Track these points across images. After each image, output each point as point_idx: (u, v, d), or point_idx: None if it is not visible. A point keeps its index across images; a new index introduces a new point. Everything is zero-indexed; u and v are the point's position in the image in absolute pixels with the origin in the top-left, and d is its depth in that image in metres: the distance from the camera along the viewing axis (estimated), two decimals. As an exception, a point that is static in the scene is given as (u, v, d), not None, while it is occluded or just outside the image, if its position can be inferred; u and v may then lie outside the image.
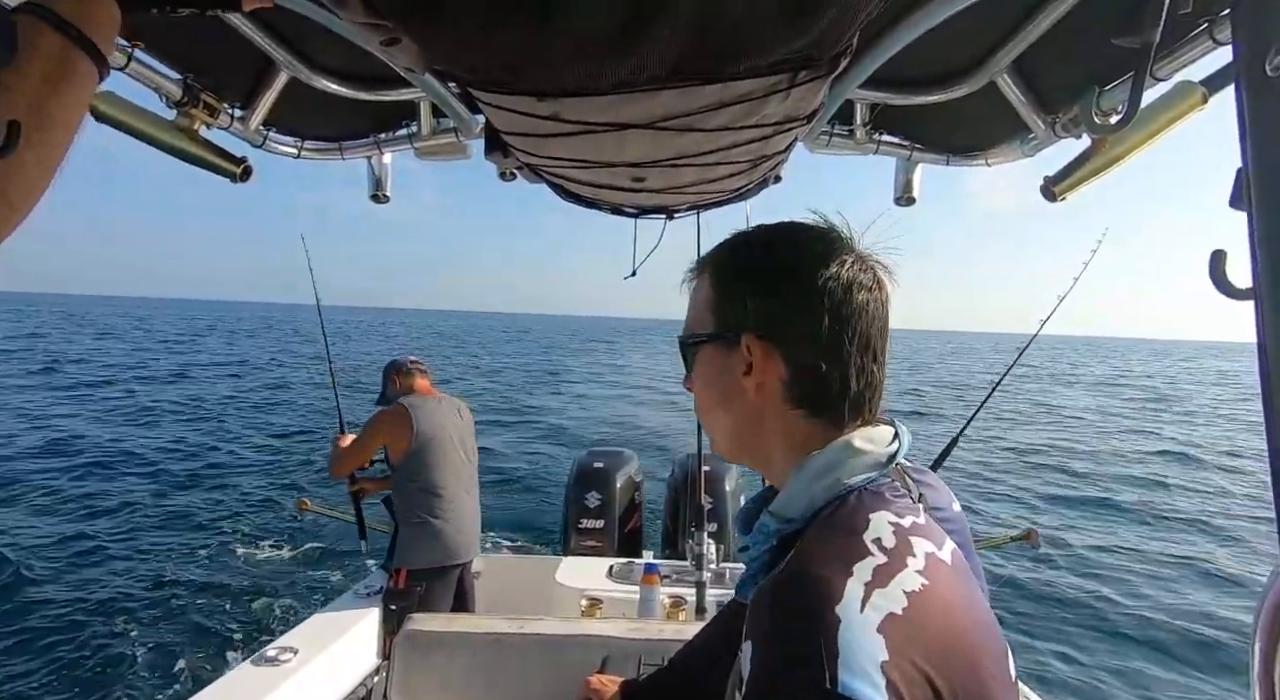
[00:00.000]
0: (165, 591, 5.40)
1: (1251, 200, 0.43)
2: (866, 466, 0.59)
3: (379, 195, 1.61)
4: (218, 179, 1.28)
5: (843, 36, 0.66)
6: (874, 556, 0.50)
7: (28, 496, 7.78)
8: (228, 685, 2.08)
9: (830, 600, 0.47)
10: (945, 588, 0.51)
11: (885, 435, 0.62)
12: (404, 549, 2.83)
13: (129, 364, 23.00)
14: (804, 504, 0.59)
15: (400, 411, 2.87)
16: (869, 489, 0.58)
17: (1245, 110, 0.44)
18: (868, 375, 0.62)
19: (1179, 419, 19.66)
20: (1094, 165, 1.13)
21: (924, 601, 0.48)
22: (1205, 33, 0.85)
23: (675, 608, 2.69)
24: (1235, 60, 0.46)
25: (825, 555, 0.52)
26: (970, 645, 0.50)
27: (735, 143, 0.94)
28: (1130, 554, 7.05)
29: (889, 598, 0.47)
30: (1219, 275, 0.47)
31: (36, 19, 0.48)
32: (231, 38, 0.96)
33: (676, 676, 1.03)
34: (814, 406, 0.62)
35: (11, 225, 0.49)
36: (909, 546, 0.52)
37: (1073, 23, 0.91)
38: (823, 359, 0.61)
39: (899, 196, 1.56)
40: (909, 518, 0.55)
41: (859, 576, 0.48)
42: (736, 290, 0.64)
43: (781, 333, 0.62)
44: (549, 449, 11.70)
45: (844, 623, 0.45)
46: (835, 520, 0.55)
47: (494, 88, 0.76)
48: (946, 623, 0.49)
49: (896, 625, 0.46)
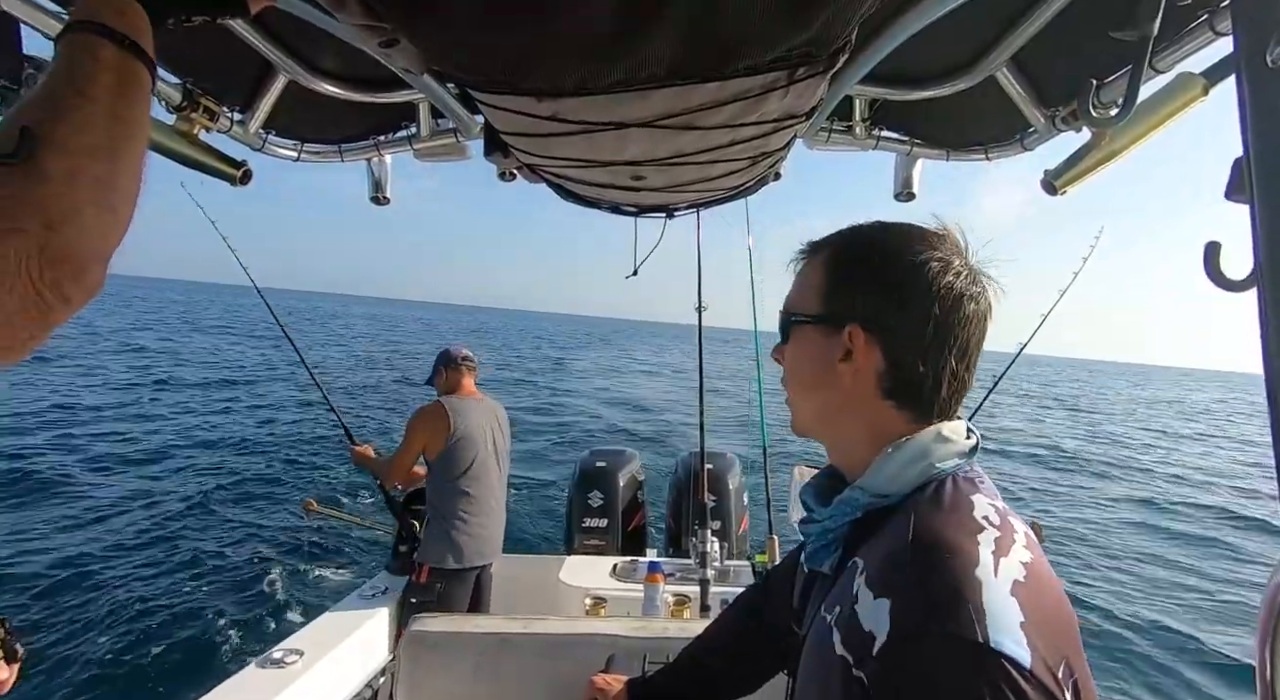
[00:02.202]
0: (169, 593, 5.41)
1: (1253, 190, 0.43)
2: (954, 455, 0.63)
3: (379, 197, 1.61)
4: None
5: (841, 32, 0.66)
6: (988, 530, 0.54)
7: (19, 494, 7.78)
8: (234, 687, 2.09)
9: (970, 563, 0.50)
10: (1042, 564, 0.54)
11: (963, 430, 0.66)
12: (429, 546, 2.87)
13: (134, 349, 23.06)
14: (899, 483, 0.62)
15: (439, 410, 2.92)
16: (963, 475, 0.62)
17: (1246, 101, 0.44)
18: (959, 380, 0.65)
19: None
20: (1094, 158, 1.12)
21: (1035, 572, 0.52)
22: (1205, 23, 0.84)
23: (679, 606, 2.69)
24: (1236, 51, 0.46)
25: (948, 526, 0.55)
26: (1068, 616, 0.54)
27: (735, 140, 0.94)
28: (1128, 555, 7.04)
29: (1013, 567, 0.51)
30: (1214, 268, 0.47)
31: (93, 34, 0.51)
32: (231, 41, 0.96)
33: (684, 671, 1.03)
34: (903, 400, 0.65)
35: (122, 230, 0.52)
36: (1011, 525, 0.56)
37: (1071, 16, 0.90)
38: (921, 360, 0.64)
39: (899, 192, 1.56)
40: (1000, 502, 0.59)
41: (985, 546, 0.52)
42: (849, 280, 0.67)
43: (887, 329, 0.64)
44: (553, 449, 11.72)
45: (986, 584, 0.49)
46: (942, 499, 0.59)
47: (493, 88, 0.76)
48: (1052, 594, 0.53)
49: (1023, 592, 0.50)
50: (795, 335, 0.71)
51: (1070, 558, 7.28)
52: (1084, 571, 7.00)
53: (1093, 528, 8.84)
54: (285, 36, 1.02)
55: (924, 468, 0.62)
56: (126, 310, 47.10)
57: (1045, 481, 11.81)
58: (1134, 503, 10.71)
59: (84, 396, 13.99)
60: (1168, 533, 9.04)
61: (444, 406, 2.93)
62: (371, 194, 1.62)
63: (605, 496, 3.89)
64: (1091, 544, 8.06)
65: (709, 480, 3.05)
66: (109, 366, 18.37)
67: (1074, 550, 7.64)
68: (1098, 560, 7.42)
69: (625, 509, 3.92)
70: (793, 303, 0.72)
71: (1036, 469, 12.94)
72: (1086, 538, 8.30)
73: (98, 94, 0.49)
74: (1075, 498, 10.68)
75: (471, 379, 3.14)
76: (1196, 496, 11.62)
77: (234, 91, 1.20)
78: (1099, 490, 11.43)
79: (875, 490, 0.63)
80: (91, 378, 16.30)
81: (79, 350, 20.71)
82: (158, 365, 19.51)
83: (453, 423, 2.89)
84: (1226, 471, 14.73)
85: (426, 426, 2.91)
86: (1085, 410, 28.51)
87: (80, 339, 23.91)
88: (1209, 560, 7.81)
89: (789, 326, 0.72)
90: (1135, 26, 0.72)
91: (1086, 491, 11.23)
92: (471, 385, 3.13)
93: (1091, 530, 8.70)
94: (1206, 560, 7.79)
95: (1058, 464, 13.77)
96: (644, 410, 17.69)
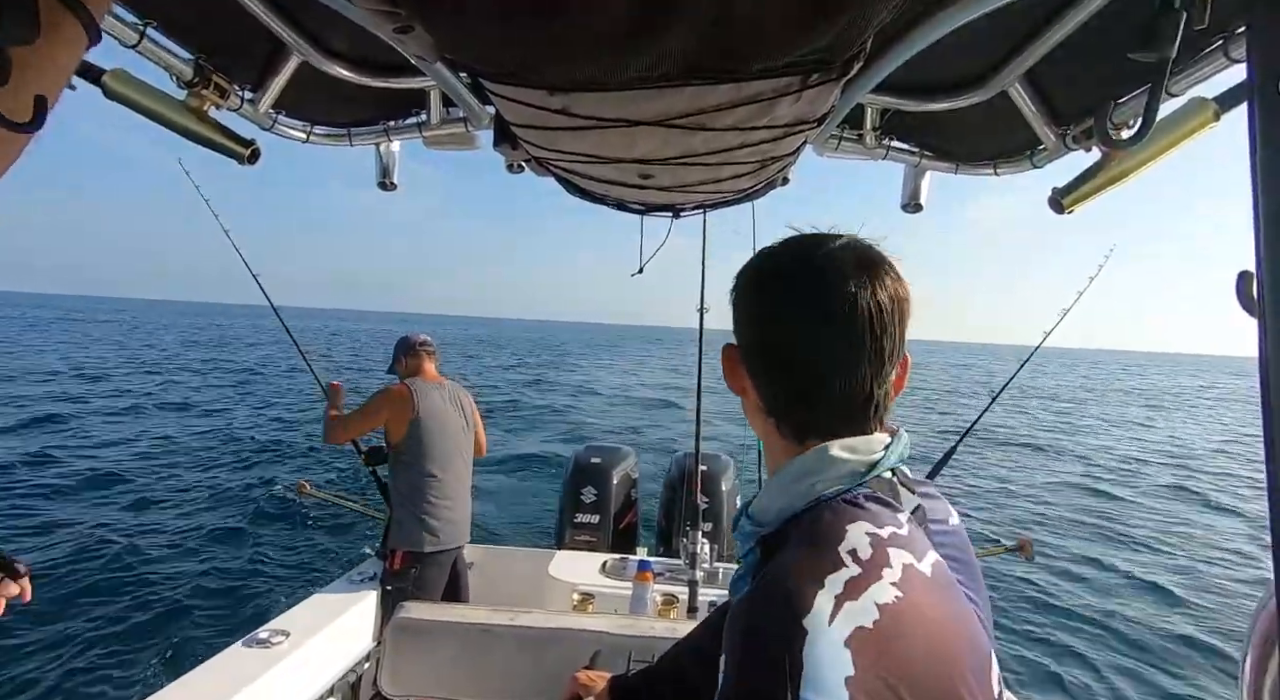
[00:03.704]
0: (156, 571, 5.41)
1: (1259, 218, 0.43)
2: (842, 476, 0.58)
3: (386, 183, 1.61)
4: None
5: (857, 40, 0.66)
6: (847, 568, 0.50)
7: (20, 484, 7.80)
8: (218, 666, 2.09)
9: (800, 611, 0.47)
10: (921, 599, 0.50)
11: (872, 444, 0.60)
12: (398, 531, 2.88)
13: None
14: (776, 509, 0.60)
15: (404, 392, 2.93)
16: (846, 499, 0.57)
17: (1257, 128, 0.44)
18: (851, 384, 0.60)
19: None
20: (1103, 179, 1.12)
21: (896, 614, 0.47)
22: (1220, 49, 0.84)
23: (667, 605, 2.69)
24: (1249, 78, 0.46)
25: (798, 567, 0.51)
26: (946, 658, 0.49)
27: (745, 143, 0.94)
28: (1122, 565, 7.05)
29: (859, 611, 0.47)
30: (1246, 295, 0.47)
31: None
32: (244, 19, 0.96)
33: (665, 673, 1.03)
34: (782, 416, 0.63)
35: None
36: (885, 557, 0.51)
37: (1087, 35, 0.90)
38: (788, 370, 0.62)
39: (906, 203, 1.56)
40: (888, 528, 0.54)
41: (830, 589, 0.48)
42: (735, 300, 0.67)
43: (748, 345, 0.65)
44: (549, 444, 11.72)
45: (810, 636, 0.45)
46: (812, 530, 0.55)
47: (505, 79, 0.76)
48: (920, 635, 0.48)
49: (866, 639, 0.45)
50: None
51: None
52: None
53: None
54: (299, 17, 1.02)
55: (803, 491, 0.58)
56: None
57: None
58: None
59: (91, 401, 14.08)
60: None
61: (408, 388, 2.95)
62: (379, 180, 1.61)
63: (598, 493, 3.89)
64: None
65: (702, 481, 3.05)
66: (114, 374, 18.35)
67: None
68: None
69: (618, 506, 3.93)
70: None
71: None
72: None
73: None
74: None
75: (432, 363, 3.15)
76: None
77: (246, 70, 1.20)
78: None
79: (756, 517, 0.62)
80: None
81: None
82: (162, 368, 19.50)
83: (416, 404, 2.91)
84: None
85: (390, 405, 2.92)
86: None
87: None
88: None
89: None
90: (1154, 48, 0.72)
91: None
92: (433, 370, 3.14)
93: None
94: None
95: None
96: (644, 409, 17.70)
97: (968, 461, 11.89)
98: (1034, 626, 5.49)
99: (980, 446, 13.74)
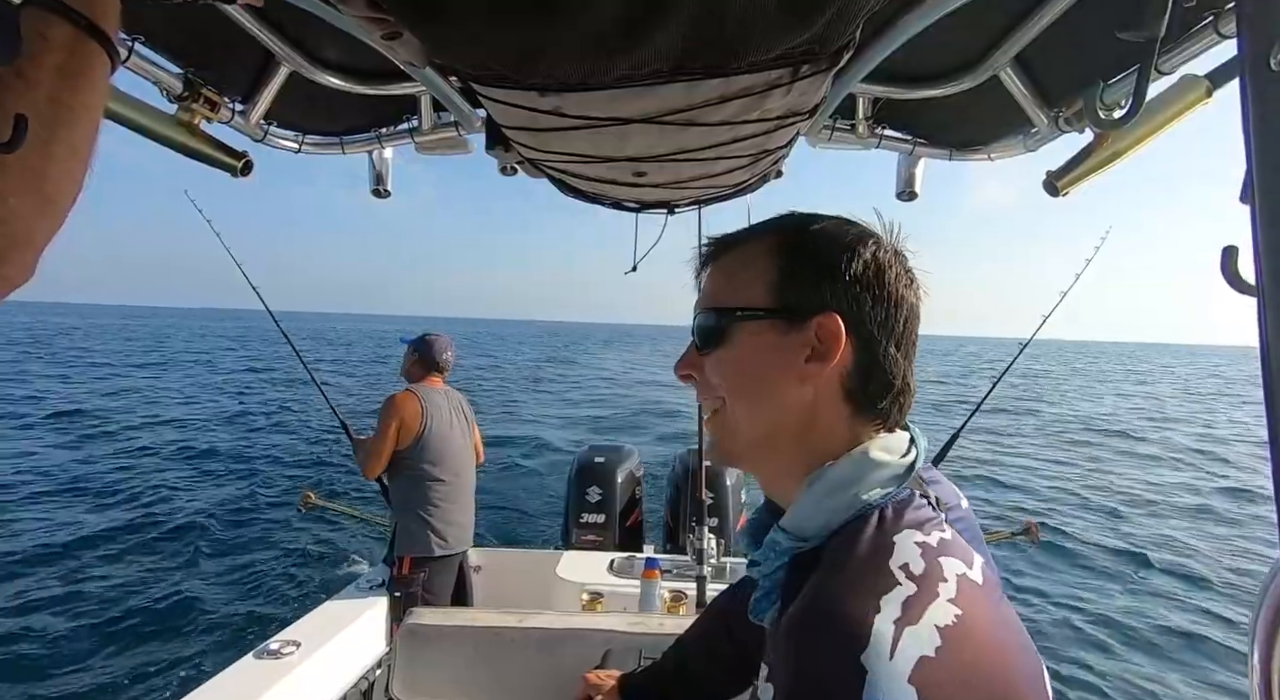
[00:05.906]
0: (167, 585, 5.42)
1: (1255, 194, 0.43)
2: (885, 480, 0.54)
3: (380, 190, 1.61)
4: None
5: (845, 30, 0.66)
6: (902, 586, 0.46)
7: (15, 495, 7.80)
8: (230, 678, 2.09)
9: (856, 645, 0.43)
10: (980, 615, 0.46)
11: (901, 443, 0.58)
12: (404, 537, 2.89)
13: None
14: (819, 522, 0.54)
15: (414, 402, 2.95)
16: (891, 505, 0.54)
17: (1249, 104, 0.44)
18: (908, 378, 0.60)
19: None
20: (1097, 160, 1.12)
21: (958, 637, 0.44)
22: (1210, 26, 0.84)
23: (676, 602, 2.69)
24: (1240, 54, 0.45)
25: (850, 588, 0.47)
26: (1008, 677, 0.45)
27: (737, 137, 0.94)
28: (1129, 550, 7.06)
29: (920, 638, 0.43)
30: (1230, 271, 0.46)
31: (44, 10, 0.48)
32: (233, 32, 0.96)
33: (671, 670, 1.03)
34: (866, 402, 0.58)
35: (56, 221, 0.49)
36: (939, 570, 0.48)
37: (1076, 16, 0.90)
38: (886, 353, 0.58)
39: (901, 191, 1.56)
40: (935, 534, 0.51)
41: (887, 613, 0.44)
42: (810, 267, 0.58)
43: (859, 318, 0.57)
44: (552, 443, 11.73)
45: (871, 675, 0.41)
46: (857, 544, 0.51)
47: (495, 82, 0.76)
48: (983, 657, 0.45)
49: (929, 671, 0.42)
50: (738, 335, 0.60)
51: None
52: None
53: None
54: (287, 27, 1.02)
55: (848, 501, 0.54)
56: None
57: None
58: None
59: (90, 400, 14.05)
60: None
61: (417, 396, 2.96)
62: (372, 187, 1.61)
63: (603, 492, 3.90)
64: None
65: (707, 477, 3.05)
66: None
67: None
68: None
69: (623, 505, 3.93)
70: (727, 297, 0.61)
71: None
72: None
73: (38, 77, 0.47)
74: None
75: (441, 377, 3.18)
76: None
77: (235, 82, 1.20)
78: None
79: (795, 532, 0.56)
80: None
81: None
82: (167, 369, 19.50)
83: (425, 411, 2.93)
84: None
85: (401, 412, 2.93)
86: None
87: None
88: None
89: (726, 325, 0.60)
90: (1142, 27, 0.71)
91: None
92: (439, 378, 3.17)
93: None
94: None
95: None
96: (644, 407, 17.70)
97: (961, 445, 11.90)
98: (1036, 612, 5.50)
99: (976, 431, 13.78)
